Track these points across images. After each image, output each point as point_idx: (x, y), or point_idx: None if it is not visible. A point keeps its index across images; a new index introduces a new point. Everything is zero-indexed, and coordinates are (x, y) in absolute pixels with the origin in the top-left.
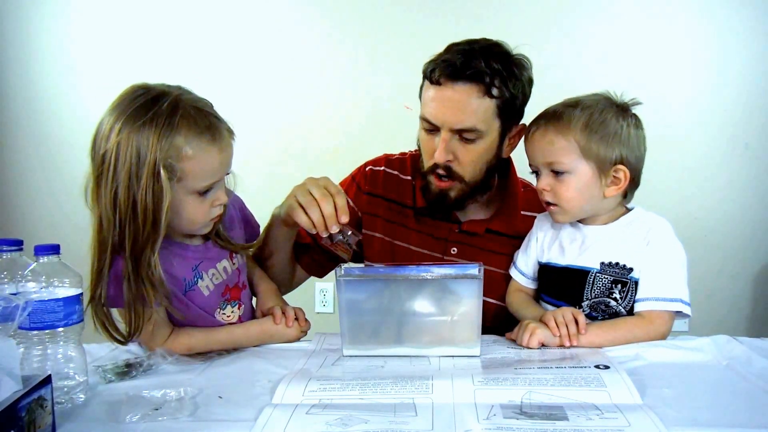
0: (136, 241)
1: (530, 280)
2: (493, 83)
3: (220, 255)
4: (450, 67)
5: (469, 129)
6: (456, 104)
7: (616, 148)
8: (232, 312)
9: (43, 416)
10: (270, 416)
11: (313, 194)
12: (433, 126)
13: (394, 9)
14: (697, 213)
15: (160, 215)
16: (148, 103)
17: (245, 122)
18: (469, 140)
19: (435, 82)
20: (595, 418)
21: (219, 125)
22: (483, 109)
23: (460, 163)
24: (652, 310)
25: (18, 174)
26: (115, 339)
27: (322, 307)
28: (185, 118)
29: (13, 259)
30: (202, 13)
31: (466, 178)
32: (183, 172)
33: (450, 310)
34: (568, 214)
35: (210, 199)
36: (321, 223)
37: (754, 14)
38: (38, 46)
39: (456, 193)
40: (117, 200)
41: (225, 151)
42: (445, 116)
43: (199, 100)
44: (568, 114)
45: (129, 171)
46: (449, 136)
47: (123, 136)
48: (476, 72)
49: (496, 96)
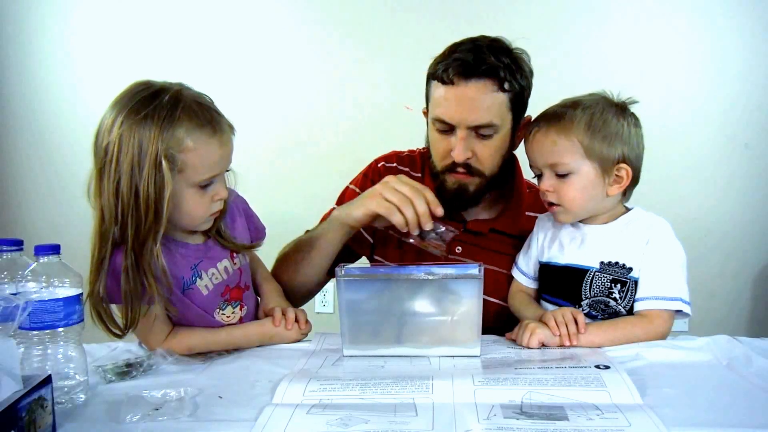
0: (138, 231)
1: (531, 280)
2: (505, 77)
3: (221, 254)
4: (463, 65)
5: (487, 125)
6: (472, 102)
7: (618, 147)
8: (233, 313)
9: (43, 416)
10: (270, 416)
11: (403, 192)
12: (447, 126)
13: (395, 9)
14: (696, 213)
15: (162, 205)
16: (150, 97)
17: (246, 121)
18: (486, 136)
19: (448, 81)
20: (595, 418)
21: (220, 120)
22: (498, 104)
23: (478, 160)
24: (652, 309)
25: (18, 174)
26: (111, 332)
27: (322, 307)
28: (186, 111)
29: (13, 259)
30: (202, 12)
31: (486, 173)
32: (184, 163)
33: (450, 310)
34: (571, 214)
35: (210, 194)
36: (415, 222)
37: (754, 14)
38: (38, 46)
39: (475, 187)
40: (119, 191)
41: (226, 145)
42: (462, 115)
43: (200, 95)
44: (570, 114)
45: (131, 162)
46: (466, 133)
47: (125, 129)
48: (490, 67)
49: (508, 90)
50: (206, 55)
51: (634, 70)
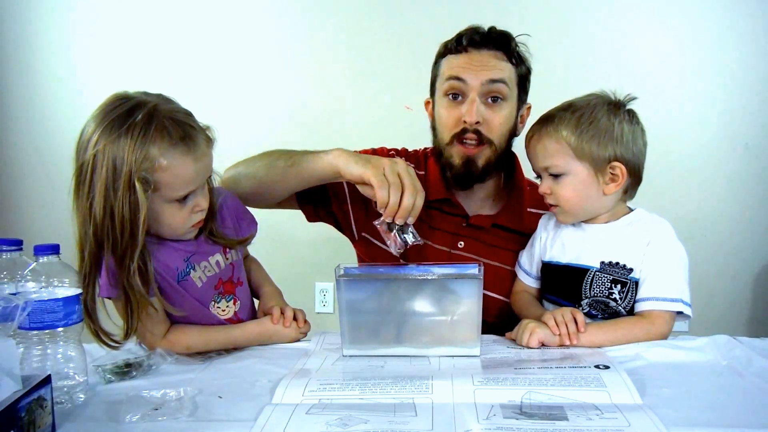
0: (115, 250)
1: (534, 279)
2: (513, 53)
3: (213, 249)
4: (477, 34)
5: (499, 80)
6: (485, 63)
7: (608, 145)
8: (227, 306)
9: (43, 416)
10: (270, 416)
11: (402, 179)
12: (460, 89)
13: (395, 9)
14: (697, 213)
15: (138, 226)
16: (125, 115)
17: (243, 121)
18: (497, 99)
19: (462, 49)
20: (595, 418)
21: (195, 135)
22: (508, 69)
23: (489, 127)
24: (652, 310)
25: (18, 174)
26: (106, 344)
27: (322, 307)
28: (160, 129)
29: (12, 259)
30: (202, 14)
31: (495, 142)
32: (158, 183)
33: (450, 310)
34: (569, 214)
35: (189, 206)
36: (393, 210)
37: (754, 14)
38: (38, 46)
39: (483, 161)
40: (93, 211)
41: (201, 160)
42: (475, 72)
43: (176, 110)
44: (559, 117)
45: (105, 183)
46: (478, 97)
47: (99, 148)
48: (501, 37)
49: (515, 65)
50: (206, 55)
51: (634, 71)
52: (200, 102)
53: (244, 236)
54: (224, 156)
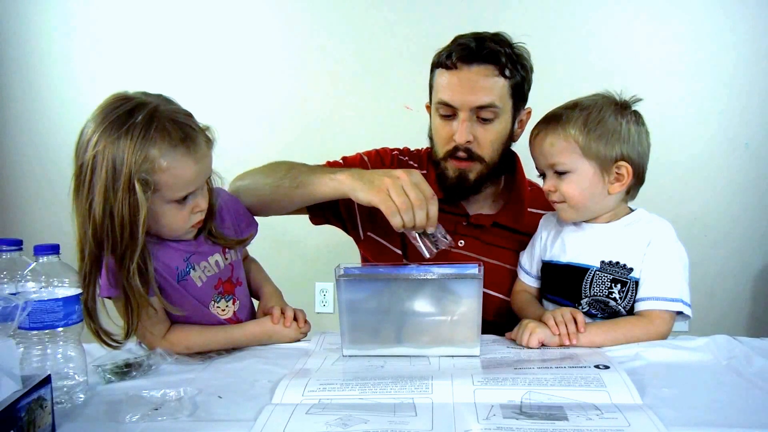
0: (115, 250)
1: (534, 278)
2: (506, 65)
3: (212, 249)
4: (465, 50)
5: (488, 105)
6: (474, 83)
7: (615, 145)
8: (227, 306)
9: (43, 416)
10: (270, 416)
11: (409, 197)
12: (450, 110)
13: (396, 9)
14: (697, 213)
15: (137, 227)
16: (125, 115)
17: (245, 121)
18: (487, 120)
19: (451, 66)
20: (594, 418)
21: (195, 136)
22: (499, 87)
23: (479, 144)
24: (652, 310)
25: (18, 174)
26: (108, 345)
27: (322, 307)
28: (159, 131)
29: (12, 259)
30: (202, 14)
31: (486, 158)
32: (158, 184)
33: (450, 310)
34: (574, 209)
35: (189, 206)
36: (411, 228)
37: (754, 14)
38: (38, 46)
39: (475, 175)
40: (92, 212)
41: (201, 161)
42: (464, 96)
43: (176, 111)
44: (567, 115)
45: (105, 184)
46: (468, 117)
47: (99, 149)
48: (491, 52)
49: (509, 77)
50: (206, 56)
51: (635, 71)
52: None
53: (244, 236)
54: (224, 156)
